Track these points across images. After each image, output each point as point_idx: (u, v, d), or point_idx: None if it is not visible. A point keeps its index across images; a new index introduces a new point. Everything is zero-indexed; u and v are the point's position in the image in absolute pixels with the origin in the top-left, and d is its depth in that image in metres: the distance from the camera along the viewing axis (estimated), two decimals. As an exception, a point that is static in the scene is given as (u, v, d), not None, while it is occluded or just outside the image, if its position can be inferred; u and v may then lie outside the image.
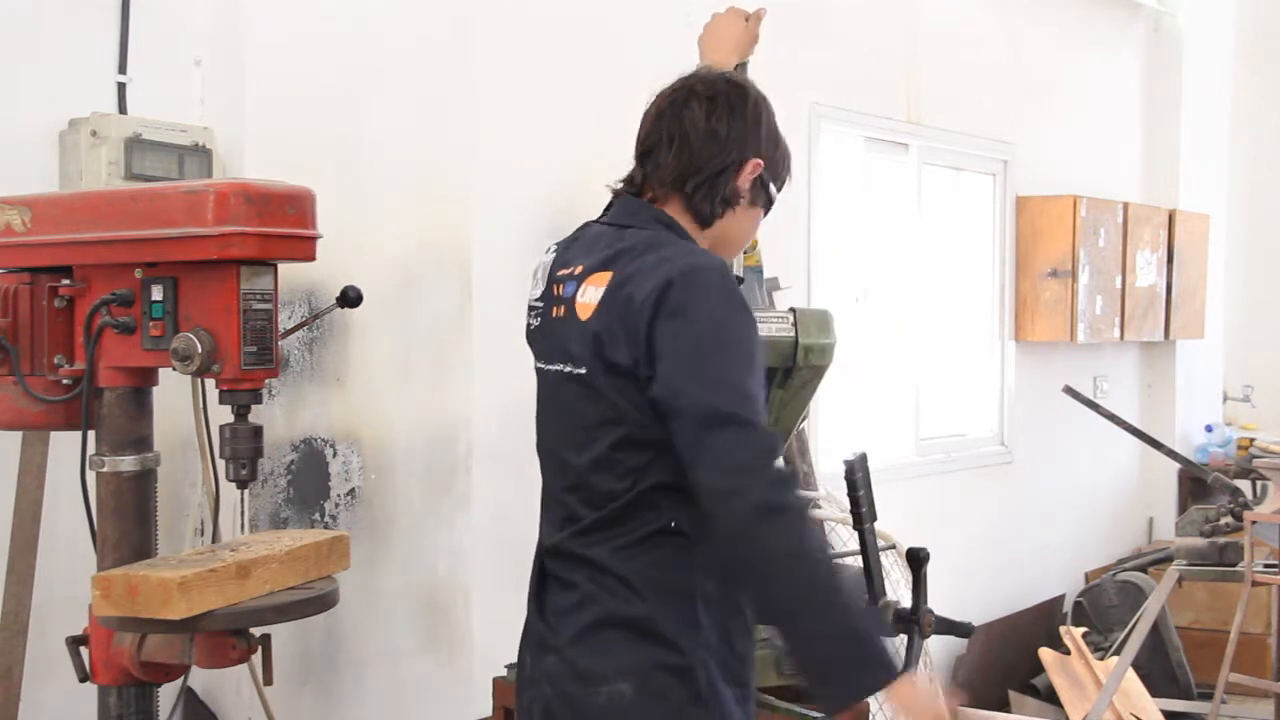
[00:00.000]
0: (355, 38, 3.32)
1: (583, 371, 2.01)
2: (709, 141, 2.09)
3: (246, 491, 2.97)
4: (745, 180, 2.11)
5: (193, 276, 2.26)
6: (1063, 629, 5.93)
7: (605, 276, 2.00)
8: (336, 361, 3.29)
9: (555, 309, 2.09)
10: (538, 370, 2.16)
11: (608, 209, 2.19)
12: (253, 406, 2.34)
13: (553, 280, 2.11)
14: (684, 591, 1.99)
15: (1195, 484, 7.25)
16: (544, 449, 2.16)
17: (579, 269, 2.06)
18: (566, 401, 2.06)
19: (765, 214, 2.20)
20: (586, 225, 2.19)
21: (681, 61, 2.29)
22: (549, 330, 2.10)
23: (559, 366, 2.07)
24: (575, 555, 2.03)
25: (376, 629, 3.38)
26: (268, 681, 2.51)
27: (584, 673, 1.99)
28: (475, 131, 3.63)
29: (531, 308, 2.17)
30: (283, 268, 2.37)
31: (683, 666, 1.97)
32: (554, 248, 2.18)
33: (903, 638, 2.22)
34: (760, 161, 2.12)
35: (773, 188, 2.16)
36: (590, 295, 2.00)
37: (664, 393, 1.93)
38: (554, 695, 2.04)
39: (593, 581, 2.01)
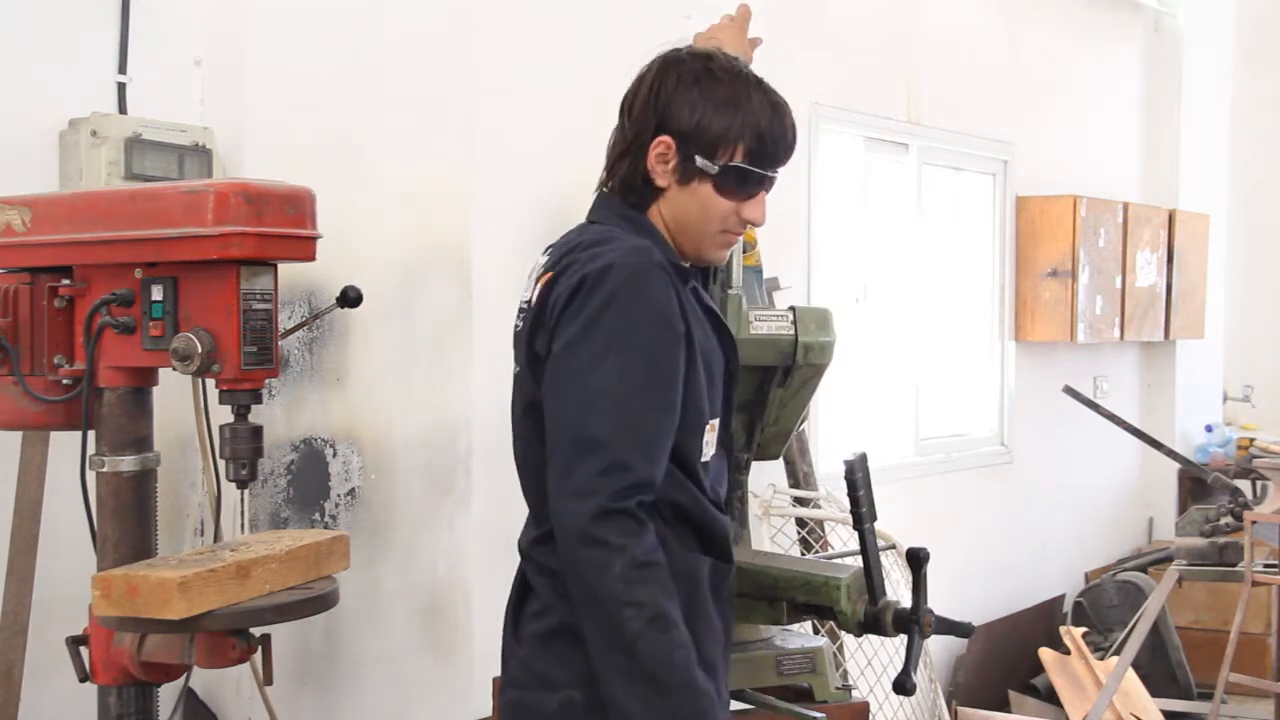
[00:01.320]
0: (355, 38, 3.32)
1: (518, 368, 2.03)
2: (622, 126, 2.05)
3: (246, 491, 2.98)
4: (654, 162, 1.99)
5: (192, 276, 2.26)
6: (1063, 629, 5.93)
7: (548, 275, 1.99)
8: (336, 361, 3.29)
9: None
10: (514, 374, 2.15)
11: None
12: (253, 406, 2.34)
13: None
14: None
15: (1195, 484, 7.26)
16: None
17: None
18: (518, 400, 2.06)
19: (735, 194, 1.98)
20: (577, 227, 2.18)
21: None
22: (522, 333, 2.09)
23: (515, 367, 2.08)
24: (539, 563, 2.02)
25: (376, 629, 3.38)
26: (268, 681, 2.51)
27: (541, 678, 1.99)
28: (475, 131, 3.63)
29: (521, 309, 2.14)
30: (283, 268, 2.36)
31: None
32: (548, 250, 2.15)
33: (903, 638, 2.23)
34: (668, 139, 1.97)
35: (703, 162, 1.96)
36: (536, 294, 2.00)
37: (545, 391, 1.92)
38: (515, 699, 2.04)
39: (553, 590, 1.99)
